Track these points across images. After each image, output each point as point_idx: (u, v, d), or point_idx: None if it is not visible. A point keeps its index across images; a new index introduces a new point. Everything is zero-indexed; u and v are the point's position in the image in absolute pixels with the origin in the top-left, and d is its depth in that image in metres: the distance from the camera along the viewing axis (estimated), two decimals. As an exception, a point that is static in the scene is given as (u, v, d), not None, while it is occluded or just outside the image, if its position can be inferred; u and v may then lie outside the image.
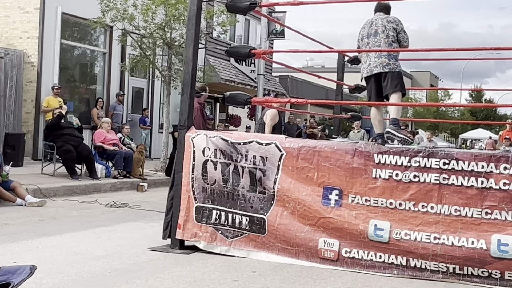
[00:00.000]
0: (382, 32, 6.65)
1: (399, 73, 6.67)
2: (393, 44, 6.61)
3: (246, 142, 5.93)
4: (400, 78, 6.66)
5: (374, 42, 6.70)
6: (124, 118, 17.70)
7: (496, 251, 4.96)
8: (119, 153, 12.69)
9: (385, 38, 6.62)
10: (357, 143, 5.63)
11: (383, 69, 6.60)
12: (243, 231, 5.88)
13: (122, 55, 17.69)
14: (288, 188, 5.71)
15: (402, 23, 6.74)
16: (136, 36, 14.71)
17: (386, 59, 6.59)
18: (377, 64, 6.63)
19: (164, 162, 14.56)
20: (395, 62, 6.64)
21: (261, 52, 6.43)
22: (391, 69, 6.58)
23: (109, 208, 9.10)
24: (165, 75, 14.75)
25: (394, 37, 6.63)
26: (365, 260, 5.41)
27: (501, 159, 5.06)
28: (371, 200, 5.43)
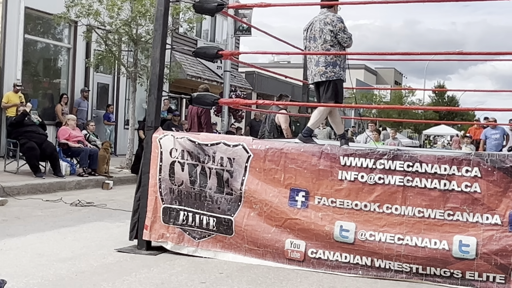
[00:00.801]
0: (319, 38, 6.53)
1: (337, 81, 6.58)
2: (331, 49, 6.50)
3: (214, 143, 5.95)
4: (335, 87, 6.57)
5: (314, 48, 6.61)
6: (89, 114, 17.50)
7: (457, 252, 5.09)
8: (84, 150, 12.57)
9: (322, 43, 6.51)
10: (324, 146, 5.70)
11: (320, 78, 6.56)
12: (210, 232, 5.90)
13: (87, 50, 17.47)
14: (255, 189, 5.75)
15: (342, 21, 6.53)
16: (101, 32, 14.54)
17: (323, 67, 6.50)
18: (315, 73, 6.59)
19: (130, 159, 14.47)
20: (333, 69, 6.52)
21: (228, 53, 6.45)
22: (328, 78, 6.53)
23: (74, 207, 9.02)
24: (131, 72, 14.64)
25: (332, 40, 6.49)
26: (331, 260, 5.49)
27: (463, 162, 5.19)
28: (337, 201, 5.50)
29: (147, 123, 6.23)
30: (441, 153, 5.41)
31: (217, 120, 20.86)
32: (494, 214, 5.07)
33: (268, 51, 6.15)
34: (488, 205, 5.09)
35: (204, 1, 6.12)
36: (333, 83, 6.54)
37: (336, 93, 6.59)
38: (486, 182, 5.11)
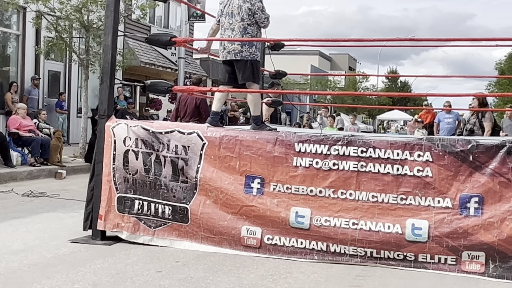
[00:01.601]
0: (237, 14, 6.30)
1: (252, 61, 6.37)
2: (248, 27, 6.30)
3: (168, 131, 5.90)
4: (252, 67, 6.39)
5: (229, 24, 6.37)
6: (40, 103, 17.12)
7: (410, 235, 5.18)
8: (35, 140, 12.30)
9: (240, 21, 6.29)
10: (278, 132, 5.71)
11: (235, 56, 6.33)
12: (166, 220, 5.86)
13: (37, 37, 17.02)
14: (210, 177, 5.73)
15: (261, 0, 6.33)
16: (51, 18, 14.22)
17: (238, 45, 6.30)
18: (230, 50, 6.36)
19: (83, 148, 14.25)
20: (249, 49, 6.32)
21: (182, 40, 6.39)
22: (243, 57, 6.32)
23: (26, 198, 8.83)
24: (83, 59, 14.38)
25: (249, 19, 6.29)
26: (287, 246, 5.53)
27: (415, 147, 5.28)
28: (292, 188, 5.53)
29: (100, 111, 6.12)
30: (394, 138, 5.48)
31: (172, 107, 20.68)
32: (445, 198, 5.17)
33: (222, 38, 5.99)
34: (439, 189, 5.19)
35: (156, -13, 6.03)
36: (249, 63, 6.34)
37: (254, 73, 6.39)
38: (437, 166, 5.20)
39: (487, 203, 5.08)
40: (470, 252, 5.08)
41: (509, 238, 4.97)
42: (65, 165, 12.76)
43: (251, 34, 6.33)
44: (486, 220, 5.04)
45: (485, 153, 5.13)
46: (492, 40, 6.20)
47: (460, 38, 6.66)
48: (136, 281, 4.68)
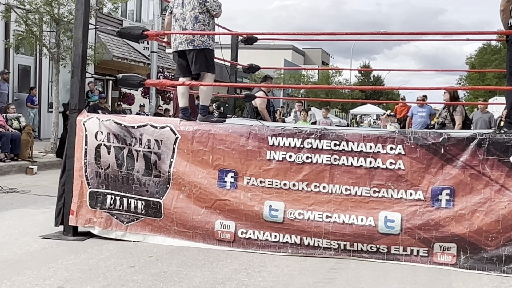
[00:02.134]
0: (188, 4, 6.29)
1: (205, 50, 6.34)
2: (199, 16, 6.28)
3: (140, 125, 5.85)
4: (205, 56, 6.35)
5: (180, 14, 6.34)
6: (10, 97, 16.85)
7: (383, 227, 5.22)
8: (5, 135, 12.11)
9: (191, 10, 6.27)
10: (252, 126, 5.69)
11: (187, 46, 6.32)
12: (139, 215, 5.82)
13: (6, 31, 16.76)
14: (183, 171, 5.70)
15: None
16: (21, 12, 13.98)
17: (191, 35, 6.28)
18: (181, 41, 6.35)
19: (55, 143, 14.07)
20: (201, 38, 6.29)
21: (153, 33, 6.33)
22: (195, 46, 6.29)
23: (-4, 194, 8.70)
24: (54, 53, 14.17)
25: (200, 7, 6.27)
26: (261, 240, 5.53)
27: (387, 140, 5.31)
28: (265, 181, 5.53)
29: (71, 105, 6.04)
30: (367, 131, 5.50)
31: (145, 102, 20.54)
32: (417, 190, 5.22)
33: (194, 32, 5.92)
34: (411, 181, 5.23)
35: (127, -20, 5.96)
36: (202, 52, 6.31)
37: (207, 63, 6.36)
38: (409, 159, 5.25)
39: (458, 195, 5.14)
40: (442, 244, 5.14)
41: (480, 229, 5.03)
42: (36, 160, 12.59)
43: (203, 23, 6.31)
44: (457, 212, 5.10)
45: (456, 145, 5.18)
46: (463, 34, 6.27)
47: (431, 32, 6.71)
48: (108, 276, 4.63)
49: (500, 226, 5.01)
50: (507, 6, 5.72)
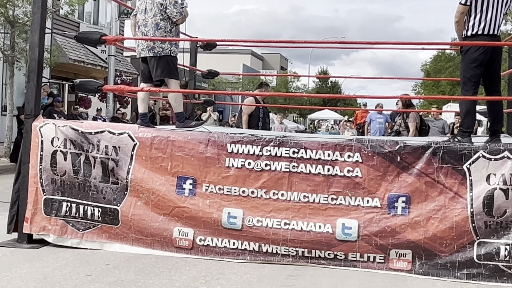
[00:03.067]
0: (150, 10, 6.29)
1: (166, 57, 6.34)
2: (161, 22, 6.29)
3: (98, 131, 5.78)
4: (166, 63, 6.35)
5: (142, 20, 6.35)
6: (-38, 100, 16.46)
7: (341, 234, 5.28)
8: (-43, 139, 11.81)
9: (152, 17, 6.27)
10: (211, 133, 5.69)
11: (148, 53, 6.34)
12: (95, 222, 5.74)
13: (-42, 32, 16.35)
14: (141, 178, 5.65)
15: None
16: (-26, 13, 13.66)
17: (151, 42, 6.29)
18: (143, 48, 6.36)
19: (9, 147, 13.79)
20: (161, 45, 6.30)
21: (112, 38, 6.26)
22: (156, 53, 6.30)
23: None
24: (8, 55, 13.90)
25: (161, 14, 6.28)
26: (219, 247, 5.52)
27: (345, 147, 5.37)
28: (224, 188, 5.53)
29: (26, 110, 5.93)
30: (325, 139, 5.56)
31: (102, 105, 20.27)
32: (374, 197, 5.29)
33: (154, 38, 5.87)
34: (368, 189, 5.31)
35: (85, -16, 5.88)
36: (162, 59, 6.31)
37: (168, 69, 6.34)
38: (366, 166, 5.32)
39: (413, 202, 5.23)
40: (398, 250, 5.22)
41: (435, 236, 5.14)
42: (-11, 165, 12.32)
43: (164, 30, 6.31)
44: (413, 219, 5.19)
45: (412, 153, 5.28)
46: (419, 44, 6.39)
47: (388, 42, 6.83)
48: (64, 285, 4.56)
49: (454, 232, 5.12)
50: (461, 17, 5.86)
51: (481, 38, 5.76)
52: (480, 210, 5.09)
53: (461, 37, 5.98)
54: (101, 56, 23.12)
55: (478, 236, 5.09)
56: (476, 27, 5.80)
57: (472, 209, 5.10)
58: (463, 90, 5.93)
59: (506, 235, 5.07)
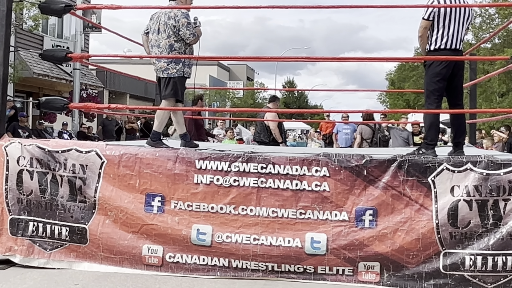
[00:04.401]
0: (163, 32, 6.35)
1: (176, 78, 6.41)
2: (175, 44, 6.36)
3: (65, 150, 5.74)
4: (174, 85, 6.41)
5: (156, 41, 6.42)
6: None
7: (310, 248, 5.32)
8: None
9: (166, 38, 6.34)
10: (179, 150, 5.69)
11: (161, 74, 6.43)
12: (63, 242, 5.69)
13: None
14: (109, 196, 5.63)
15: (186, 16, 6.35)
16: None
17: (165, 63, 6.37)
18: (157, 68, 6.45)
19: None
20: (175, 66, 6.37)
21: (78, 56, 6.25)
22: (168, 75, 6.39)
23: None
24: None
25: (175, 36, 6.35)
26: (189, 264, 5.52)
27: (312, 162, 5.43)
28: (193, 205, 5.53)
29: (-9, 130, 5.85)
30: (293, 154, 5.61)
31: (67, 120, 20.06)
32: (342, 211, 5.36)
33: (120, 54, 5.88)
34: (336, 203, 5.37)
35: (50, 2, 5.85)
36: (172, 80, 6.39)
37: (176, 91, 6.41)
38: (334, 181, 5.39)
39: (380, 215, 5.31)
40: (366, 263, 5.28)
41: (402, 248, 5.22)
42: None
43: (178, 51, 6.38)
44: (380, 231, 5.27)
45: (378, 167, 5.36)
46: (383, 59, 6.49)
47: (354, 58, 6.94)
48: (32, 307, 4.51)
49: (420, 244, 5.21)
50: (424, 32, 5.99)
51: (444, 53, 5.90)
52: (445, 221, 5.19)
53: (425, 51, 6.10)
54: (66, 69, 22.91)
55: (443, 247, 5.19)
56: (439, 42, 5.92)
57: (438, 220, 5.20)
58: (427, 103, 6.05)
59: (471, 245, 5.18)
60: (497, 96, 35.96)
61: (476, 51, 19.21)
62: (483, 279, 5.13)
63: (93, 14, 19.47)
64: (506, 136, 16.94)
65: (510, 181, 5.16)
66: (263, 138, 10.35)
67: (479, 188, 5.18)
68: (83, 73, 22.96)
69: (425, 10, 5.92)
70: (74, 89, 18.99)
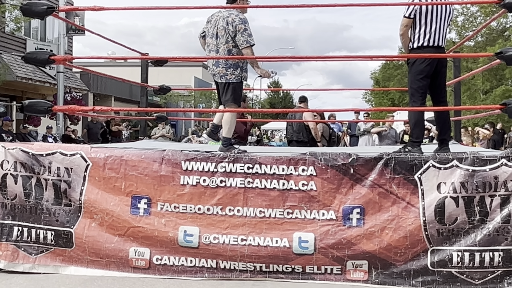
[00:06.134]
0: (222, 36, 6.22)
1: (236, 83, 6.29)
2: (233, 49, 6.21)
3: (49, 153, 5.68)
4: (233, 90, 6.28)
5: (214, 45, 6.30)
6: None
7: (297, 248, 5.31)
8: None
9: (225, 43, 6.22)
10: (165, 151, 5.66)
11: (220, 79, 6.30)
12: (48, 246, 5.63)
13: None
14: (95, 199, 5.58)
15: (244, 22, 6.17)
16: None
17: (223, 68, 6.24)
18: (215, 73, 6.34)
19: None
20: (234, 71, 6.24)
21: (61, 58, 6.18)
22: (228, 80, 6.26)
23: None
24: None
25: (233, 41, 6.20)
26: (177, 266, 5.48)
27: (299, 161, 5.42)
28: (180, 206, 5.50)
29: (-27, 134, 5.78)
30: (279, 154, 5.60)
31: (52, 123, 19.91)
32: (329, 210, 5.35)
33: (104, 56, 5.84)
34: (323, 202, 5.36)
35: (32, 4, 5.79)
36: (232, 86, 6.27)
37: (236, 96, 6.31)
38: (321, 180, 5.38)
39: (368, 213, 5.31)
40: (354, 261, 5.28)
41: (389, 246, 5.22)
42: None
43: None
44: (367, 230, 5.27)
45: (364, 165, 5.36)
46: (367, 57, 6.51)
47: (338, 56, 6.94)
48: (18, 313, 4.45)
49: (408, 241, 5.21)
50: (405, 30, 6.01)
51: (427, 50, 5.91)
52: (432, 218, 5.20)
53: (407, 49, 6.12)
54: (50, 73, 22.72)
55: (431, 244, 5.20)
56: (421, 39, 5.94)
57: (425, 217, 5.21)
58: (411, 101, 6.06)
59: (458, 242, 5.20)
60: (481, 93, 36.23)
61: (460, 49, 19.36)
62: (471, 275, 5.15)
63: (76, 16, 19.36)
64: (490, 134, 17.07)
65: (496, 177, 5.19)
66: (302, 137, 10.38)
67: (465, 184, 5.20)
68: (67, 76, 22.79)
69: (406, 8, 5.94)
70: (58, 92, 18.81)
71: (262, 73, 6.21)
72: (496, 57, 5.79)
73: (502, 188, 5.18)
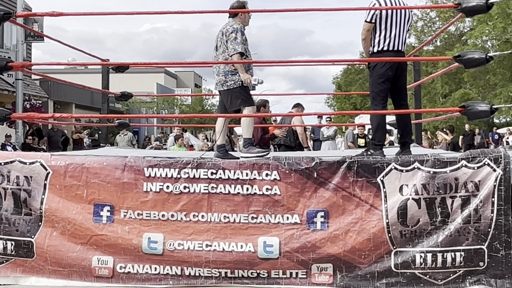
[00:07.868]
0: (219, 47, 6.35)
1: (238, 88, 6.28)
2: (229, 58, 6.25)
3: (8, 162, 5.56)
4: (239, 93, 6.28)
5: (214, 57, 6.44)
6: None
7: (262, 253, 5.30)
8: None
9: (222, 53, 6.32)
10: (127, 158, 5.59)
11: (221, 87, 6.34)
12: (8, 257, 5.52)
13: None
14: (56, 207, 5.48)
15: (236, 31, 6.25)
16: None
17: (223, 76, 6.30)
18: (217, 82, 6.41)
19: None
20: (232, 77, 6.27)
21: (19, 65, 6.06)
22: (228, 87, 6.29)
23: None
24: None
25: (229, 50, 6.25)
26: (141, 273, 5.42)
27: (262, 166, 5.42)
28: (143, 213, 5.45)
29: None
30: (243, 159, 5.58)
31: (11, 132, 19.52)
32: (293, 214, 5.36)
33: (64, 62, 5.76)
34: (287, 206, 5.37)
35: (-12, 10, 5.66)
36: (234, 91, 6.28)
37: (244, 98, 6.29)
38: (284, 184, 5.38)
39: (332, 216, 5.33)
40: (319, 265, 5.30)
41: (353, 248, 5.25)
42: None
43: (232, 64, 6.25)
44: (332, 233, 5.29)
45: (327, 169, 5.39)
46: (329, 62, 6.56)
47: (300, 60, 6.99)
48: (-23, 326, 4.34)
49: (372, 244, 5.26)
50: (367, 35, 6.07)
51: (387, 54, 5.99)
52: (395, 220, 5.25)
53: (368, 54, 6.19)
54: (8, 80, 22.27)
55: (394, 245, 5.25)
56: (381, 44, 6.01)
57: (388, 220, 5.25)
58: (373, 105, 6.13)
59: (421, 243, 5.26)
60: (440, 97, 36.89)
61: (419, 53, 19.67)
62: (434, 276, 5.22)
63: (34, 23, 19.04)
64: (449, 139, 17.47)
65: (456, 179, 5.27)
66: (289, 142, 10.36)
67: (427, 186, 5.27)
68: (26, 83, 22.38)
69: (367, 13, 6.01)
70: (17, 100, 18.46)
71: (243, 79, 6.21)
72: (454, 61, 5.89)
73: (463, 189, 5.27)
